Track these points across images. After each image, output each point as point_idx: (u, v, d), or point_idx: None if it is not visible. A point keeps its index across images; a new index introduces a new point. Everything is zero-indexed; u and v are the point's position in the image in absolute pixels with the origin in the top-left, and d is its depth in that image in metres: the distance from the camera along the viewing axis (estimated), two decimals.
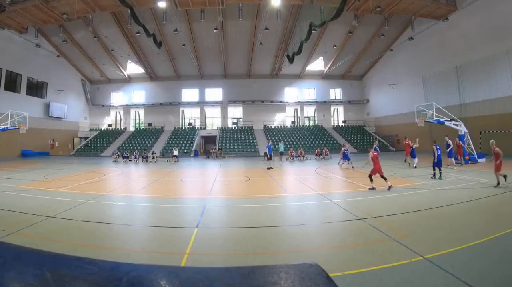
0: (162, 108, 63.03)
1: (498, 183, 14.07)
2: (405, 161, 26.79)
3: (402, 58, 50.12)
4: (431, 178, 17.20)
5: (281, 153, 35.37)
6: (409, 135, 40.78)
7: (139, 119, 65.54)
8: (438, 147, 17.44)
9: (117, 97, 65.00)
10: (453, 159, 23.08)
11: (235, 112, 64.15)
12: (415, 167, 25.05)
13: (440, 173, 17.04)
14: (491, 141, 15.93)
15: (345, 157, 27.23)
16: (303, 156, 37.75)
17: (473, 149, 27.53)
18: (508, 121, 32.55)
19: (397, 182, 16.96)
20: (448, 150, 23.91)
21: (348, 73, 62.12)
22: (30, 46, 44.57)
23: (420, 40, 44.05)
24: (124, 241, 8.24)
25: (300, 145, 48.54)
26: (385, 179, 14.87)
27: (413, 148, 26.24)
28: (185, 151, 49.68)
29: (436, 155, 17.32)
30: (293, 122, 63.09)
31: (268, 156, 29.40)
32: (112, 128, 63.32)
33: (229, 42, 50.60)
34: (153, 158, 39.19)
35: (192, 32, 47.35)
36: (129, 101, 64.57)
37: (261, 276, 1.51)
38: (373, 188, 14.41)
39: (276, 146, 37.55)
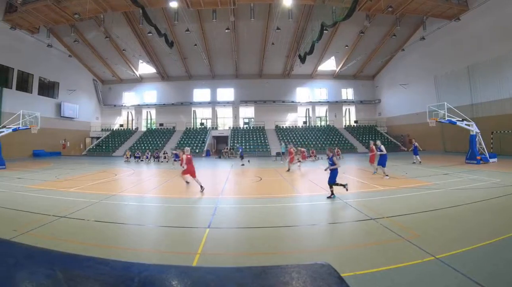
0: (173, 108, 63.38)
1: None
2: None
3: (414, 58, 50.04)
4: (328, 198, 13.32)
5: (283, 153, 35.67)
6: (419, 136, 41.06)
7: (151, 119, 65.94)
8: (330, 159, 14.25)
9: (129, 97, 65.52)
10: (385, 168, 19.82)
11: (247, 112, 64.47)
12: (420, 162, 27.03)
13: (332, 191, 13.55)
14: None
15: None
16: (315, 156, 37.73)
17: (485, 148, 27.35)
18: None
19: (409, 182, 17.05)
20: (380, 154, 20.28)
21: (359, 73, 62.14)
22: (42, 46, 44.98)
23: (432, 40, 44.05)
24: (135, 241, 8.24)
25: (312, 145, 48.39)
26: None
27: (415, 146, 28.08)
28: (197, 150, 49.67)
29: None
30: (304, 122, 63.26)
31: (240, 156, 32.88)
32: (123, 128, 63.82)
33: (240, 42, 50.71)
34: (165, 158, 39.30)
35: (203, 32, 47.49)
36: (140, 101, 65.02)
37: (273, 276, 1.52)
38: None
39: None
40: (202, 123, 63.13)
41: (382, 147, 20.04)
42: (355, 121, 64.15)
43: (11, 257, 1.63)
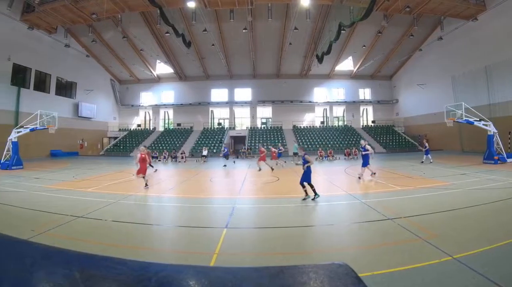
0: (191, 108, 63.63)
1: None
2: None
3: (431, 58, 49.77)
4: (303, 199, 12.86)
5: (295, 154, 35.90)
6: (437, 136, 41.20)
7: (168, 119, 66.24)
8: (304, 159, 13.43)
9: (146, 97, 65.88)
10: (367, 168, 19.10)
11: (264, 112, 64.49)
12: (422, 162, 27.97)
13: (306, 191, 13.06)
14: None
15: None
16: (332, 156, 37.76)
17: (502, 148, 27.30)
18: None
19: (426, 181, 17.10)
20: (364, 153, 19.37)
21: (377, 73, 61.86)
22: (59, 46, 45.48)
23: (449, 40, 43.87)
24: (153, 241, 8.45)
25: (329, 145, 48.41)
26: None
27: (427, 147, 28.65)
28: (214, 151, 49.74)
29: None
30: (322, 122, 63.18)
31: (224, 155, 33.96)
32: (141, 128, 64.12)
33: (258, 42, 50.71)
34: (182, 157, 39.49)
35: (221, 32, 47.61)
36: (158, 101, 65.31)
37: (290, 276, 1.53)
38: None
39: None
40: (219, 123, 63.30)
41: (368, 147, 19.51)
42: (373, 122, 63.90)
43: (29, 257, 1.64)
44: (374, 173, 19.41)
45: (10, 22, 37.37)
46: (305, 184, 12.93)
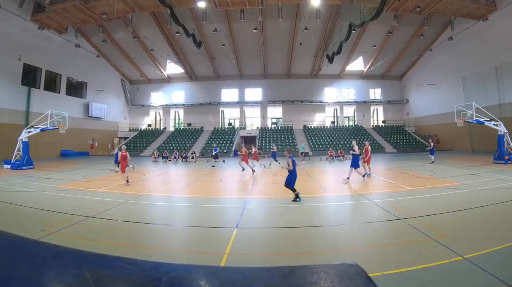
0: (201, 108, 63.82)
1: None
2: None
3: (442, 58, 49.71)
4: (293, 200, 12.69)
5: (302, 153, 36.56)
6: (447, 136, 41.17)
7: (179, 119, 66.49)
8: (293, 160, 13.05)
9: (157, 97, 66.21)
10: (360, 169, 18.91)
11: (275, 112, 64.64)
12: (433, 162, 27.77)
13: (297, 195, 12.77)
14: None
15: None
16: (343, 156, 37.80)
17: None
18: None
19: (437, 182, 17.03)
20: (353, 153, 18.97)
21: (387, 73, 61.79)
22: (70, 46, 45.64)
23: (460, 40, 43.86)
24: (163, 241, 8.31)
25: (340, 145, 48.47)
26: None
27: (431, 146, 29.23)
28: (225, 150, 49.83)
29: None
30: (332, 122, 63.22)
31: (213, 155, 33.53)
32: (151, 128, 64.37)
33: (268, 42, 50.78)
34: (193, 158, 39.56)
35: (231, 32, 47.69)
36: (168, 101, 65.62)
37: (301, 276, 1.53)
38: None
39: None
40: (230, 124, 63.70)
41: (356, 147, 18.75)
42: (383, 122, 63.96)
43: (39, 257, 1.69)
44: (347, 179, 18.25)
45: (21, 22, 37.59)
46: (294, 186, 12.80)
